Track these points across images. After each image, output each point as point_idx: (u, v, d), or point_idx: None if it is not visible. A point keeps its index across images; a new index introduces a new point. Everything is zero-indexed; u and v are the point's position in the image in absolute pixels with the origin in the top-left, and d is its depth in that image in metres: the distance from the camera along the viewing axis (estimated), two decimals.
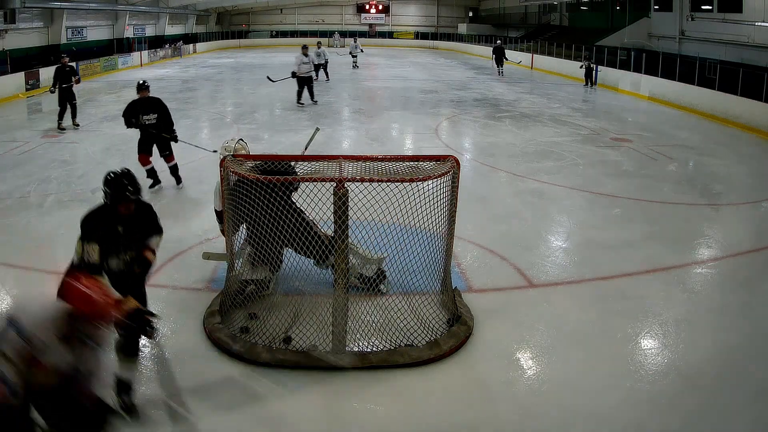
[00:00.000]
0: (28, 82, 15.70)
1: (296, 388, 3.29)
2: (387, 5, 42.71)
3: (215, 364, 3.49)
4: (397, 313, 3.77)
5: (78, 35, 21.75)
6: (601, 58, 19.10)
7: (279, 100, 14.83)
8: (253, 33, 41.52)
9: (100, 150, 9.01)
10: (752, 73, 12.26)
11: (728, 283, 4.85)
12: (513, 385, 3.39)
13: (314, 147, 9.68)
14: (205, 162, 8.25)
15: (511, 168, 8.21)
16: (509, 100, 15.15)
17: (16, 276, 4.64)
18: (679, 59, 15.58)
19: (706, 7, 18.38)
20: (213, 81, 19.34)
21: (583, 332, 3.93)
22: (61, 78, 10.49)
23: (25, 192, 6.79)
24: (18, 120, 12.12)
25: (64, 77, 10.52)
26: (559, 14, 31.00)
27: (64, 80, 10.50)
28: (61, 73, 10.55)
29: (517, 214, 6.28)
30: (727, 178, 8.07)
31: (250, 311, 3.90)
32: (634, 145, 9.78)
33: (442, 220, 3.86)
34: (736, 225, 6.21)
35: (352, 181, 3.49)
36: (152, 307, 4.12)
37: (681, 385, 3.37)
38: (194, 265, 4.81)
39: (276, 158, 3.90)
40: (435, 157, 3.89)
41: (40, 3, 18.19)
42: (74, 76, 10.72)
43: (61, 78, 10.49)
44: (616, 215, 6.34)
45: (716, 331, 4.00)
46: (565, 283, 4.66)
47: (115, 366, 2.96)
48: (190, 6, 31.33)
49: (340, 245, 3.40)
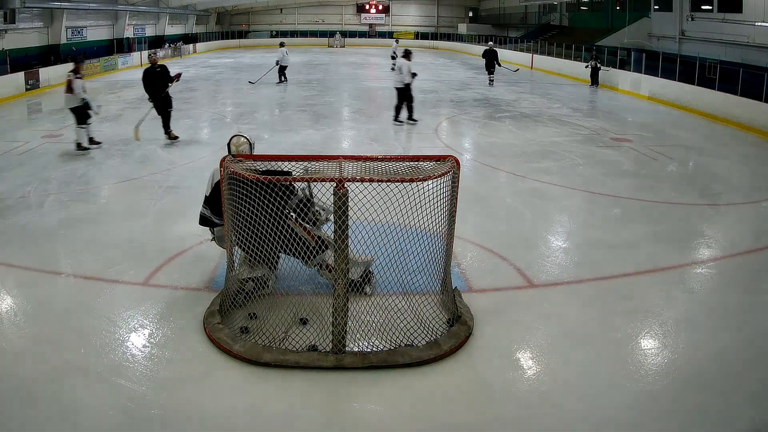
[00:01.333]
0: (27, 82, 15.71)
1: (296, 388, 3.29)
2: (387, 5, 42.73)
3: (215, 364, 3.48)
4: (397, 313, 3.77)
5: (78, 35, 21.76)
6: (601, 58, 19.10)
7: (279, 100, 14.84)
8: (253, 33, 41.52)
9: (100, 150, 9.00)
10: (752, 73, 12.26)
11: (728, 283, 4.84)
12: (513, 385, 3.38)
13: (314, 147, 9.70)
14: (206, 162, 8.25)
15: (511, 168, 8.20)
16: (509, 100, 15.15)
17: (16, 276, 4.64)
18: (679, 59, 15.58)
19: (706, 7, 18.40)
20: (213, 81, 19.34)
21: (583, 332, 3.93)
22: (152, 82, 9.16)
23: (25, 192, 6.79)
24: (18, 120, 12.12)
25: (156, 80, 9.16)
26: (559, 14, 31.03)
27: (157, 84, 9.18)
28: (151, 77, 9.19)
29: (517, 214, 6.28)
30: (727, 178, 8.07)
31: (250, 311, 3.90)
32: (634, 145, 9.78)
33: (442, 220, 3.86)
34: (736, 225, 6.21)
35: (352, 181, 3.49)
36: (152, 307, 4.15)
37: (681, 385, 3.37)
38: (194, 265, 4.81)
39: (276, 158, 3.90)
40: (435, 157, 3.89)
41: (40, 3, 18.20)
42: (170, 76, 9.26)
43: (152, 82, 9.16)
44: (616, 215, 6.34)
45: (716, 331, 4.00)
46: (565, 283, 4.65)
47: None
48: (190, 6, 31.34)
49: (340, 245, 3.40)
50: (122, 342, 3.69)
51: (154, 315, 4.03)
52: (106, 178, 7.47)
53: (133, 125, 9.52)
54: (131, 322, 3.93)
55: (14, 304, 4.18)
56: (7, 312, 4.05)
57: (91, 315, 3.99)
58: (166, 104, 9.41)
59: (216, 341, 3.64)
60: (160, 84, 9.29)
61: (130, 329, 3.85)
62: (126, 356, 3.54)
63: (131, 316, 4.00)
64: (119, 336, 3.76)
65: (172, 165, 8.26)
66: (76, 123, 8.76)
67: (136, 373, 3.37)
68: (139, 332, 3.82)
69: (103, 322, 3.90)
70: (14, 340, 3.72)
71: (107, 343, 3.66)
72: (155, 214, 6.14)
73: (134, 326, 3.89)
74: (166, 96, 9.34)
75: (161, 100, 9.34)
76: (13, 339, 3.72)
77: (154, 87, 9.32)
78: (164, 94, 9.28)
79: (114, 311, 4.06)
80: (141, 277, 4.58)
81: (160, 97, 9.31)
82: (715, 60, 14.79)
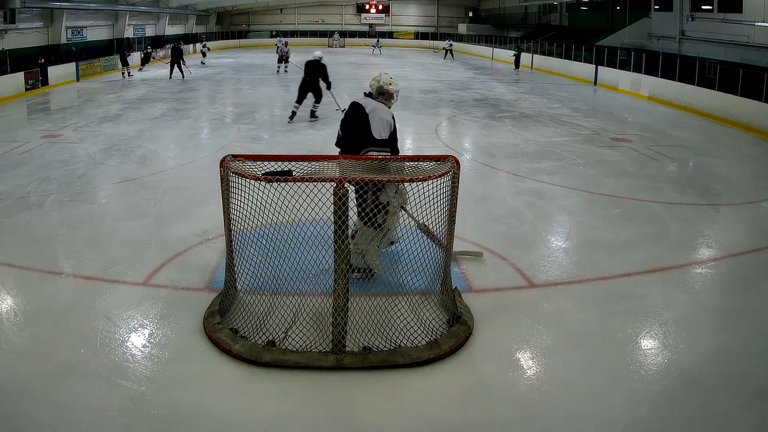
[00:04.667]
0: (27, 82, 15.71)
1: (296, 388, 3.29)
2: (387, 5, 42.74)
3: (215, 364, 3.48)
4: (397, 313, 3.77)
5: (78, 35, 21.77)
6: (601, 58, 19.10)
7: (279, 100, 14.84)
8: (253, 33, 41.54)
9: (100, 150, 9.01)
10: (752, 73, 12.26)
11: (728, 283, 4.85)
12: (513, 385, 3.38)
13: (314, 147, 9.70)
14: (206, 162, 8.26)
15: (511, 168, 8.21)
16: (509, 100, 15.15)
17: (16, 276, 4.63)
18: (679, 59, 15.58)
19: (706, 7, 18.40)
20: (213, 81, 19.35)
21: (583, 332, 3.93)
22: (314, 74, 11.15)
23: (25, 192, 6.79)
24: (18, 120, 12.13)
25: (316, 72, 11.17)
26: (559, 14, 31.02)
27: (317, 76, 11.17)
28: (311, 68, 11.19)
29: (517, 214, 6.28)
30: (727, 178, 8.07)
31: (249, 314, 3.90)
32: (634, 145, 9.79)
33: (442, 220, 3.86)
34: (736, 225, 6.20)
35: (352, 181, 3.49)
36: (152, 307, 4.15)
37: (681, 385, 3.37)
38: (194, 265, 4.81)
39: (276, 158, 3.90)
40: (435, 157, 3.89)
41: (40, 3, 18.20)
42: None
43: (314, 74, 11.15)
44: (616, 215, 6.34)
45: (716, 331, 4.00)
46: (565, 283, 4.65)
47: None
48: (190, 6, 31.35)
49: (339, 245, 3.40)
50: (122, 342, 3.69)
51: (154, 315, 4.03)
52: (106, 178, 7.47)
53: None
54: (131, 322, 3.92)
55: (14, 304, 4.18)
56: (7, 312, 4.05)
57: (91, 315, 3.99)
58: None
59: (216, 341, 3.64)
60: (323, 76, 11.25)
61: (130, 329, 3.85)
62: (126, 356, 3.54)
63: (131, 316, 4.00)
64: (119, 336, 3.76)
65: (172, 165, 8.27)
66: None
67: (136, 373, 3.36)
68: (139, 332, 3.82)
69: (103, 322, 3.90)
70: (14, 340, 3.71)
71: (107, 344, 3.66)
72: (155, 214, 6.14)
73: (134, 326, 3.89)
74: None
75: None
76: (13, 339, 3.72)
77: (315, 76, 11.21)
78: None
79: (114, 311, 4.06)
80: (141, 277, 4.58)
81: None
82: (715, 60, 14.79)
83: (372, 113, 4.41)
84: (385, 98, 4.52)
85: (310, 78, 11.23)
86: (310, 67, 11.20)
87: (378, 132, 4.36)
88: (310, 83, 11.26)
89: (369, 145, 4.36)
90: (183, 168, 8.08)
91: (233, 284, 4.03)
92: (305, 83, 11.27)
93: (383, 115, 4.41)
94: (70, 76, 18.34)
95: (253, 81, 19.41)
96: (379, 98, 4.52)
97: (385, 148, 4.39)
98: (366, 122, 4.38)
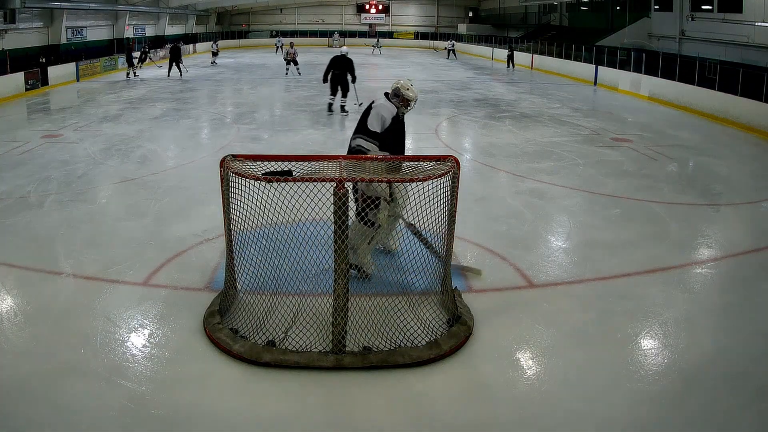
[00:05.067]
0: (27, 82, 15.71)
1: (296, 388, 3.29)
2: (387, 5, 42.74)
3: (215, 364, 3.48)
4: (397, 313, 3.77)
5: (78, 35, 21.77)
6: (601, 58, 19.10)
7: (279, 100, 14.84)
8: (253, 33, 41.54)
9: (100, 150, 9.01)
10: (752, 73, 12.25)
11: (728, 283, 4.85)
12: (513, 385, 3.38)
13: (314, 147, 9.70)
14: (206, 162, 8.26)
15: (511, 168, 8.21)
16: (509, 100, 15.15)
17: (16, 276, 4.63)
18: (679, 59, 15.58)
19: (706, 7, 18.40)
20: (213, 81, 19.35)
21: (583, 332, 3.93)
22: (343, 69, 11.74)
23: (25, 192, 6.79)
24: (18, 120, 12.13)
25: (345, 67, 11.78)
26: (559, 14, 31.02)
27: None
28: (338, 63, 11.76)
29: (517, 214, 6.28)
30: (727, 178, 8.07)
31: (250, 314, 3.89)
32: (634, 145, 9.78)
33: (442, 220, 3.86)
34: (736, 225, 6.20)
35: (352, 181, 3.49)
36: (152, 307, 4.15)
37: (681, 386, 3.37)
38: (194, 265, 4.81)
39: (276, 158, 3.90)
40: (435, 157, 3.89)
41: (40, 3, 18.20)
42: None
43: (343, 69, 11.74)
44: (616, 215, 6.34)
45: (716, 331, 4.00)
46: (565, 283, 4.65)
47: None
48: (190, 6, 31.36)
49: (339, 245, 3.40)
50: (122, 342, 3.69)
51: (154, 315, 4.03)
52: (106, 178, 7.47)
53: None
54: (131, 322, 3.92)
55: (14, 304, 4.18)
56: (7, 312, 4.05)
57: (91, 315, 3.99)
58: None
59: (216, 341, 3.64)
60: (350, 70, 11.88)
61: (130, 329, 3.85)
62: (126, 356, 3.54)
63: (131, 316, 4.00)
64: (119, 336, 3.76)
65: (172, 165, 8.27)
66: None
67: (136, 373, 3.36)
68: (139, 332, 3.82)
69: (103, 322, 3.90)
70: (14, 340, 3.71)
71: (107, 344, 3.66)
72: (155, 214, 6.14)
73: (134, 326, 3.88)
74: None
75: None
76: (13, 339, 3.72)
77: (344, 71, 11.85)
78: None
79: (114, 311, 4.06)
80: (141, 277, 4.58)
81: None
82: (715, 60, 14.78)
83: (375, 106, 4.63)
84: (399, 101, 4.66)
85: (340, 71, 11.83)
86: (339, 61, 11.84)
87: (371, 123, 4.56)
88: (339, 77, 11.89)
89: (359, 133, 4.58)
90: (183, 168, 8.09)
91: (233, 284, 4.03)
92: (335, 77, 11.92)
93: (382, 111, 4.58)
94: (70, 76, 18.35)
95: (253, 81, 19.42)
96: (394, 99, 4.67)
97: (373, 141, 4.54)
98: (368, 112, 4.62)
